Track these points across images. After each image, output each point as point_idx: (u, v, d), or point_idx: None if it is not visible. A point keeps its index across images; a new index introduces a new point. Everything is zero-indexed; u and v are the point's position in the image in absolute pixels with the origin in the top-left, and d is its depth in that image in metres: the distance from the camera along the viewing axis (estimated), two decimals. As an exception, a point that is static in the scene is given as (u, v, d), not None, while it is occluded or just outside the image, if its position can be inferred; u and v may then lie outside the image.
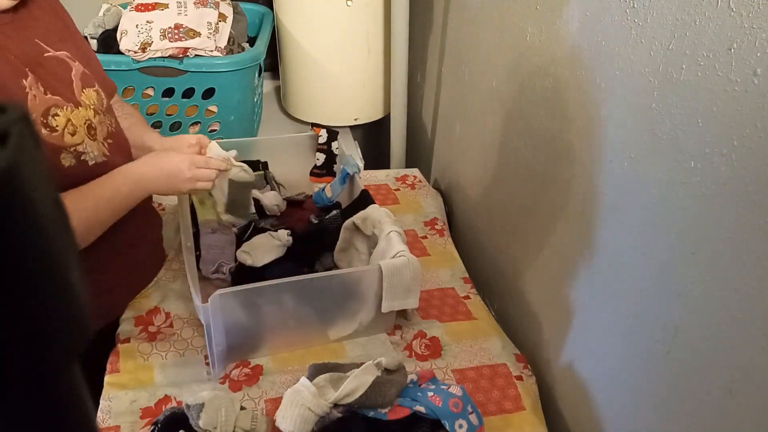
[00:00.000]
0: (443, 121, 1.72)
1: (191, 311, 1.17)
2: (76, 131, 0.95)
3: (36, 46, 0.95)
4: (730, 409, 0.72)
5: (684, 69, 0.73)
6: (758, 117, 0.63)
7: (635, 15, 0.81)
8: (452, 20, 1.55)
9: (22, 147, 0.21)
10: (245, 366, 1.09)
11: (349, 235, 1.24)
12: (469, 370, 1.12)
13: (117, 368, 1.07)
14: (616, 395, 0.96)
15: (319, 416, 0.92)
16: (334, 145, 1.49)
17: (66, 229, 0.24)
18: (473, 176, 1.50)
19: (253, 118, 1.77)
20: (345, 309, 1.13)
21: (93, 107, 1.00)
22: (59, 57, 0.98)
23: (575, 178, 1.00)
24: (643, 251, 0.84)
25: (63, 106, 0.94)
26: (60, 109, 0.93)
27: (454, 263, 1.39)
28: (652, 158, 0.81)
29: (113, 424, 0.97)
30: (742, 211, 0.67)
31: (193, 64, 1.58)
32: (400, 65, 1.72)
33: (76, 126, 0.95)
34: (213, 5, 1.65)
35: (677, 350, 0.80)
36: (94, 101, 1.01)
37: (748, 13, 0.63)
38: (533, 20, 1.10)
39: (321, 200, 1.39)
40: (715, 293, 0.72)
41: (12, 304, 0.21)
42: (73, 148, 0.95)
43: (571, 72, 0.98)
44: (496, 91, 1.30)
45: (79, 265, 0.25)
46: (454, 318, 1.23)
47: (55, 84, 0.94)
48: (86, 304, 0.25)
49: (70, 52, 1.00)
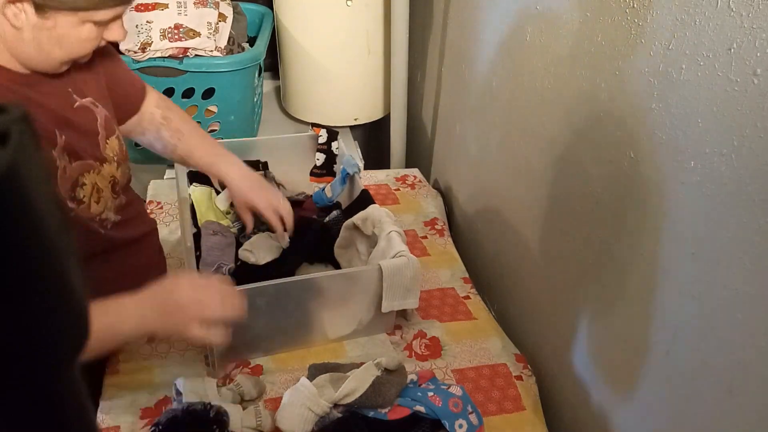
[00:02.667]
0: (443, 121, 1.72)
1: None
2: (100, 197, 0.93)
3: (67, 97, 0.91)
4: (730, 409, 0.72)
5: (684, 69, 0.73)
6: (758, 117, 0.63)
7: (635, 15, 0.81)
8: (452, 20, 1.55)
9: (22, 147, 0.21)
10: (245, 366, 1.09)
11: (349, 235, 1.25)
12: (469, 370, 1.12)
13: (117, 368, 1.07)
14: (616, 395, 0.96)
15: (319, 416, 0.92)
16: (334, 145, 1.49)
17: (66, 229, 0.24)
18: (473, 176, 1.50)
19: (253, 118, 1.77)
20: (345, 309, 1.13)
21: (116, 159, 0.98)
22: (86, 105, 0.94)
23: (575, 178, 1.00)
24: (644, 251, 0.84)
25: (89, 169, 0.91)
26: (87, 174, 0.90)
27: (454, 263, 1.39)
28: (652, 158, 0.81)
29: (113, 424, 0.97)
30: (742, 211, 0.67)
31: (193, 64, 1.58)
32: (400, 65, 1.72)
33: (102, 189, 0.93)
34: (213, 5, 1.65)
35: (677, 350, 0.80)
36: (116, 151, 0.98)
37: (748, 13, 0.63)
38: (533, 20, 1.10)
39: (321, 200, 1.39)
40: (715, 293, 0.72)
41: (12, 304, 0.21)
42: (98, 216, 0.94)
43: (571, 72, 0.98)
44: (496, 91, 1.30)
45: (79, 265, 0.25)
46: (454, 318, 1.23)
47: (84, 143, 0.91)
48: (86, 305, 0.25)
49: (94, 96, 0.96)
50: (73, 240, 0.25)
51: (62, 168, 0.86)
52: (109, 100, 1.01)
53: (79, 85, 0.93)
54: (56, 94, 0.89)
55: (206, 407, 0.91)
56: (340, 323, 1.14)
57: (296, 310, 1.09)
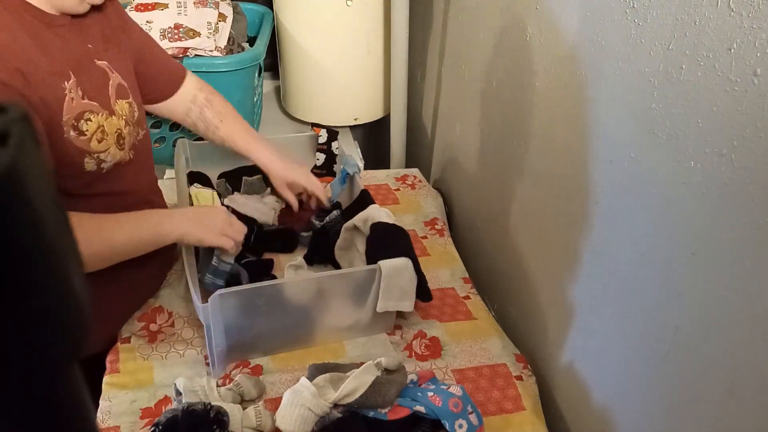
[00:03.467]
0: (443, 121, 1.72)
1: (192, 311, 1.17)
2: (103, 138, 0.97)
3: (86, 50, 0.98)
4: (730, 409, 0.72)
5: (684, 69, 0.73)
6: (758, 117, 0.63)
7: (635, 15, 0.81)
8: (452, 20, 1.55)
9: (22, 147, 0.21)
10: (245, 366, 1.09)
11: (349, 235, 1.25)
12: (468, 370, 1.12)
13: (117, 368, 1.07)
14: (616, 395, 0.96)
15: (319, 416, 0.92)
16: (334, 145, 1.49)
17: (66, 229, 0.24)
18: (473, 176, 1.50)
19: (253, 118, 1.77)
20: (345, 309, 1.13)
21: (125, 118, 1.03)
22: (101, 67, 1.01)
23: (575, 178, 1.00)
24: (643, 251, 0.84)
25: (98, 112, 0.97)
26: (94, 115, 0.96)
27: (454, 263, 1.39)
28: (652, 158, 0.81)
29: (113, 424, 0.97)
30: (742, 211, 0.67)
31: (192, 64, 1.58)
32: (400, 65, 1.72)
33: (107, 133, 0.98)
34: (213, 5, 1.65)
35: (677, 350, 0.80)
36: (126, 112, 1.04)
37: (748, 13, 0.63)
38: (533, 20, 1.10)
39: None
40: (715, 293, 0.72)
41: (12, 305, 0.21)
42: (96, 154, 0.97)
43: (571, 72, 0.98)
44: (496, 91, 1.30)
45: (79, 265, 0.25)
46: (454, 318, 1.23)
47: (94, 91, 0.97)
48: (86, 305, 0.25)
49: (111, 63, 1.03)
50: (74, 240, 0.25)
51: (70, 98, 0.92)
52: (132, 78, 1.10)
53: (99, 49, 1.01)
54: (76, 42, 0.96)
55: (206, 407, 0.91)
56: (340, 323, 1.14)
57: (296, 310, 1.09)
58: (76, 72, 0.94)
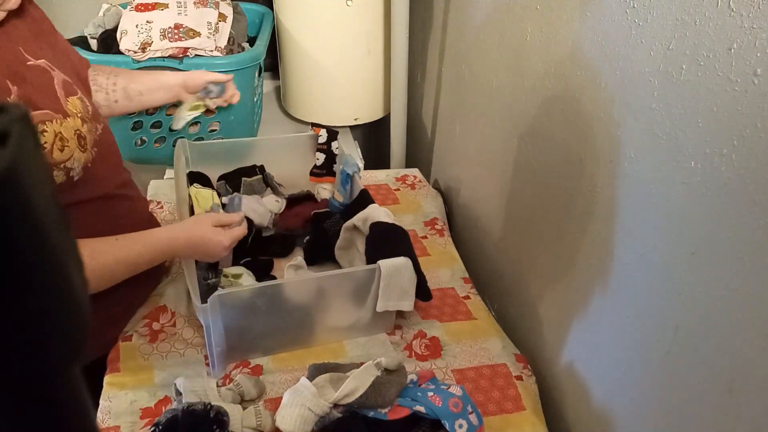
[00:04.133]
0: (443, 121, 1.72)
1: (193, 311, 1.17)
2: (65, 146, 0.93)
3: (18, 55, 0.93)
4: (730, 409, 0.72)
5: (684, 69, 0.73)
6: (758, 117, 0.63)
7: (635, 15, 0.81)
8: (452, 20, 1.55)
9: (22, 147, 0.21)
10: (245, 366, 1.09)
11: (349, 235, 1.25)
12: (469, 370, 1.12)
13: (117, 368, 1.07)
14: (616, 395, 0.96)
15: (319, 416, 0.92)
16: (334, 145, 1.49)
17: (66, 229, 0.24)
18: (473, 176, 1.50)
19: (253, 118, 1.77)
20: (345, 309, 1.13)
21: (80, 116, 0.97)
22: (40, 66, 0.95)
23: (575, 178, 1.00)
24: (643, 251, 0.84)
25: (51, 119, 0.91)
26: (48, 123, 0.90)
27: (454, 263, 1.39)
28: (652, 158, 0.81)
29: (113, 424, 0.97)
30: (742, 211, 0.67)
31: (193, 64, 1.58)
32: (400, 65, 1.72)
33: (66, 139, 0.93)
34: (213, 5, 1.65)
35: (677, 350, 0.80)
36: (79, 109, 0.98)
37: (748, 13, 0.63)
38: (533, 20, 1.10)
39: (335, 207, 1.39)
40: (715, 293, 0.72)
41: (11, 305, 0.21)
42: (62, 164, 0.92)
43: (571, 72, 0.98)
44: (496, 91, 1.30)
45: (79, 265, 0.25)
46: (454, 318, 1.23)
47: (41, 97, 0.92)
48: (86, 305, 0.25)
49: (49, 60, 0.98)
50: (73, 240, 0.25)
51: None
52: (74, 72, 1.06)
53: (31, 47, 0.96)
54: (6, 50, 0.92)
55: (206, 407, 0.91)
56: (339, 323, 1.14)
57: (296, 310, 1.10)
58: (15, 81, 0.88)
